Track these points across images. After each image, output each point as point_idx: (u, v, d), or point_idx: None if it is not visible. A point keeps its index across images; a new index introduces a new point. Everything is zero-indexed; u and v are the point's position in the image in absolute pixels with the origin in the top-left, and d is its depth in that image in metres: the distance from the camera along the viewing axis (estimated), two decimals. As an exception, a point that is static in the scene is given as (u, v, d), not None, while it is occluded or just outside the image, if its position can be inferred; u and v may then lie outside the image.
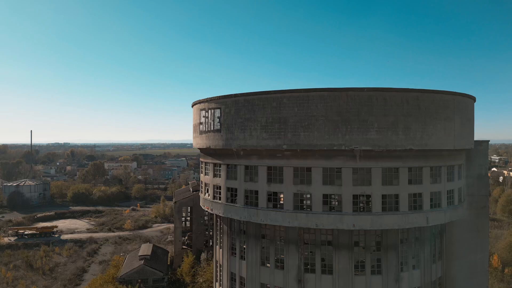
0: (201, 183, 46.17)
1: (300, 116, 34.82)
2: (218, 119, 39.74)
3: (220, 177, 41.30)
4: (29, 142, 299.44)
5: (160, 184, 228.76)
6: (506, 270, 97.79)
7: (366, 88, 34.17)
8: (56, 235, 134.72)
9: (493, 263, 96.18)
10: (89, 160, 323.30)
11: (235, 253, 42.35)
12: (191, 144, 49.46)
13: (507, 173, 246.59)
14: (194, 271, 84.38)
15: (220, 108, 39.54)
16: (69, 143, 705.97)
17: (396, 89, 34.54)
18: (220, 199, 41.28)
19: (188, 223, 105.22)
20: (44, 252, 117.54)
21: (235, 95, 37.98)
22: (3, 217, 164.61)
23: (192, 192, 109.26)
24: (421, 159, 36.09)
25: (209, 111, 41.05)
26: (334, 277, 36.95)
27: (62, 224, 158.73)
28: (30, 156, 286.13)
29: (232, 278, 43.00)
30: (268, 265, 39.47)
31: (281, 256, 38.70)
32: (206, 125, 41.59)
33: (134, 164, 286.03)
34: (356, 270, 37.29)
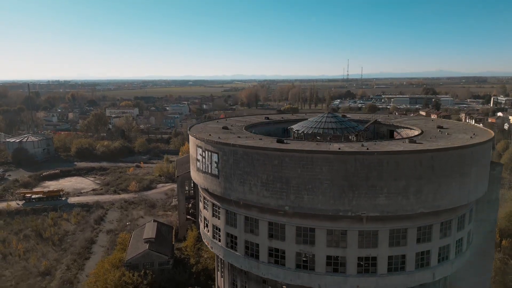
0: (201, 214, 44.75)
1: (304, 178, 32.17)
2: (215, 164, 37.08)
3: (219, 219, 39.71)
4: (28, 79, 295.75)
5: (163, 134, 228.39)
6: (503, 242, 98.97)
7: (377, 152, 31.07)
8: (63, 198, 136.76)
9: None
10: (90, 105, 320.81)
11: (237, 290, 42.25)
12: (192, 81, 46.68)
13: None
14: (198, 246, 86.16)
15: (217, 154, 36.69)
16: (69, 81, 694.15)
17: (409, 151, 31.43)
18: (219, 241, 40.11)
19: (192, 191, 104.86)
20: (52, 220, 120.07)
21: (233, 145, 34.94)
22: (9, 175, 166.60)
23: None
24: (431, 217, 34.02)
25: (206, 152, 38.21)
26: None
27: (68, 183, 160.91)
28: (30, 102, 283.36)
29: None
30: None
31: (283, 304, 38.40)
32: (203, 166, 39.00)
33: (136, 111, 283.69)
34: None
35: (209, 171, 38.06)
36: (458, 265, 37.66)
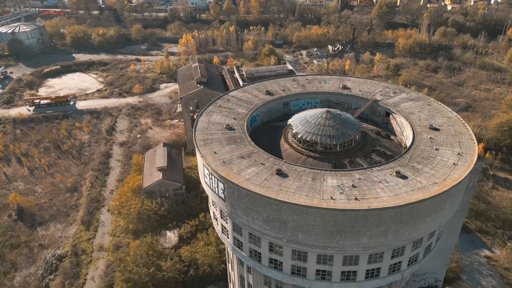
0: (210, 204, 50.85)
1: (299, 222, 37.47)
2: (222, 190, 41.68)
3: (227, 223, 46.23)
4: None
5: (158, 11, 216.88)
6: (487, 154, 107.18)
7: (363, 210, 35.58)
8: (71, 103, 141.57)
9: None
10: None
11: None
12: None
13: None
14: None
15: (223, 184, 40.95)
16: None
17: (391, 207, 35.82)
18: (228, 237, 47.50)
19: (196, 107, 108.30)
20: (66, 131, 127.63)
21: (237, 185, 38.98)
22: (11, 72, 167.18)
23: (196, 84, 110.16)
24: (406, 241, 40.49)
25: (213, 176, 42.29)
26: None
27: (71, 81, 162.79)
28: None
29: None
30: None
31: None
32: (211, 184, 43.49)
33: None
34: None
35: (216, 192, 42.85)
36: (426, 260, 45.72)
